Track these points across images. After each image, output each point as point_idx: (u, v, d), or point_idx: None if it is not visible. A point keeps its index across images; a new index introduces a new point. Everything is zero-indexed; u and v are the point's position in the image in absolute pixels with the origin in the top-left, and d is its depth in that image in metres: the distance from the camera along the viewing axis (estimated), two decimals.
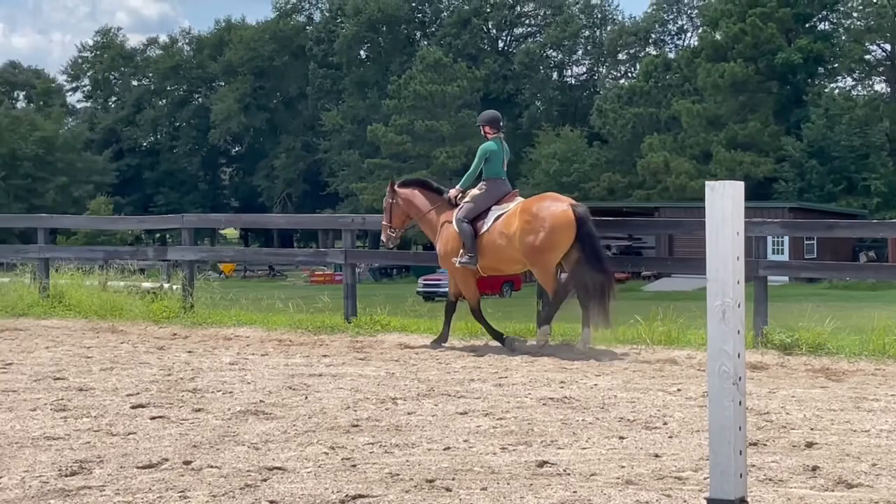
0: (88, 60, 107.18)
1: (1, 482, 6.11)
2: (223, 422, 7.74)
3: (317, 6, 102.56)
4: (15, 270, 18.25)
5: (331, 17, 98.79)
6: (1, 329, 14.15)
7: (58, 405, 8.45)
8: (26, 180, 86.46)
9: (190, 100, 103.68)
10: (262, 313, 15.39)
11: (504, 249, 12.26)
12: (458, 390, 9.11)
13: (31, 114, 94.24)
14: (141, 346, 12.34)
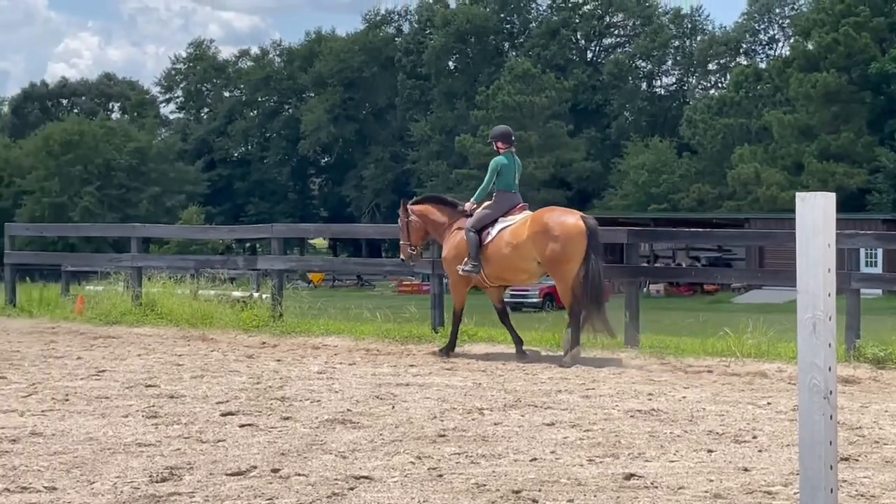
0: (181, 72, 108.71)
1: (94, 487, 6.21)
2: (311, 430, 7.79)
3: (406, 18, 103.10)
4: (109, 279, 18.55)
5: (420, 29, 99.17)
6: (95, 336, 14.40)
7: (149, 412, 8.58)
8: (120, 190, 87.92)
9: (280, 111, 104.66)
10: (350, 323, 15.46)
11: (509, 259, 12.59)
12: (545, 401, 9.08)
13: (126, 125, 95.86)
14: (231, 355, 12.47)
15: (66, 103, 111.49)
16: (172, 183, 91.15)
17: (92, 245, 64.73)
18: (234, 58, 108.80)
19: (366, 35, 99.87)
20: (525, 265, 12.63)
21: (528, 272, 12.89)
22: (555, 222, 12.32)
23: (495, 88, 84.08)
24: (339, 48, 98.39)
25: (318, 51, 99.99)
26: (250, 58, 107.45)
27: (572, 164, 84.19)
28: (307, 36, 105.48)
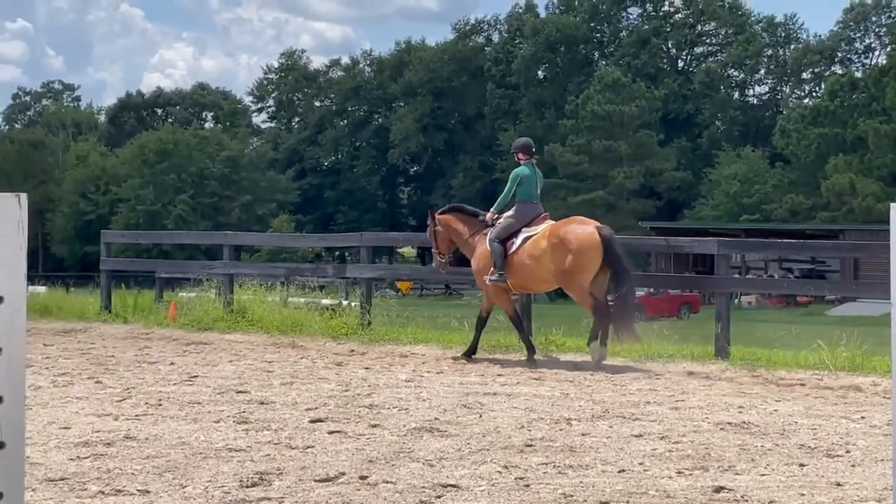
0: (273, 82, 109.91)
1: (185, 491, 6.29)
2: (399, 438, 7.82)
3: (496, 27, 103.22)
4: (201, 286, 18.81)
5: (509, 38, 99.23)
6: (187, 342, 14.61)
7: (240, 418, 8.67)
8: (213, 199, 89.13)
9: (370, 120, 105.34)
10: (438, 331, 15.50)
11: (531, 269, 12.94)
12: (634, 412, 9.02)
13: (219, 134, 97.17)
14: (320, 362, 12.57)
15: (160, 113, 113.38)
16: (263, 191, 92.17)
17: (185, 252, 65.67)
18: (324, 68, 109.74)
19: (455, 45, 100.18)
20: (545, 275, 12.97)
21: (549, 282, 13.28)
22: (571, 234, 12.69)
23: (585, 98, 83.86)
24: (429, 58, 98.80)
25: (408, 60, 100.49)
26: (341, 67, 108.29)
27: (662, 174, 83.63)
28: (397, 46, 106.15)
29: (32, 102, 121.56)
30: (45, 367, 11.78)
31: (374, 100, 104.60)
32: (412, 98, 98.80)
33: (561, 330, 14.52)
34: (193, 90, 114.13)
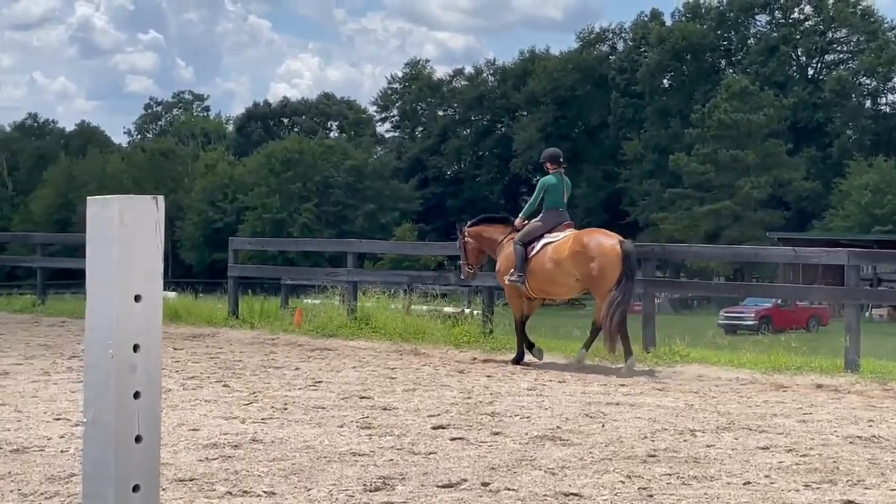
0: (397, 92, 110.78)
1: (310, 494, 6.38)
2: (521, 446, 7.83)
3: (620, 36, 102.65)
4: (326, 293, 19.04)
5: (634, 47, 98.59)
6: (312, 348, 14.80)
7: (363, 423, 8.76)
8: (337, 207, 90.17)
9: (493, 129, 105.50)
10: (560, 340, 15.45)
11: (551, 273, 13.39)
12: (760, 424, 8.89)
13: (343, 143, 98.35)
14: (442, 369, 12.63)
15: (287, 122, 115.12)
16: (387, 200, 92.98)
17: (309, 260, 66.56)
18: (448, 77, 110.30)
19: (579, 54, 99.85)
20: (564, 280, 13.42)
21: (568, 286, 13.65)
22: (594, 244, 13.11)
23: (711, 106, 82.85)
24: (553, 67, 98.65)
25: (532, 69, 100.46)
26: (464, 77, 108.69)
27: (791, 184, 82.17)
28: (521, 55, 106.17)
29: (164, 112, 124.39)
30: (174, 371, 12.03)
31: (497, 109, 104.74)
32: (535, 107, 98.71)
33: (685, 340, 14.36)
34: (319, 100, 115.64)
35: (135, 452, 2.02)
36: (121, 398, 2.01)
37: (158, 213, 2.07)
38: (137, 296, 2.03)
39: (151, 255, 2.04)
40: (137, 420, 2.03)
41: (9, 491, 6.40)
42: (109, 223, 2.00)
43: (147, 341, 2.04)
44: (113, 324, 2.01)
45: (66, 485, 6.56)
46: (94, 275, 2.04)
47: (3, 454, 7.43)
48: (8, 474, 6.83)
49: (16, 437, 8.05)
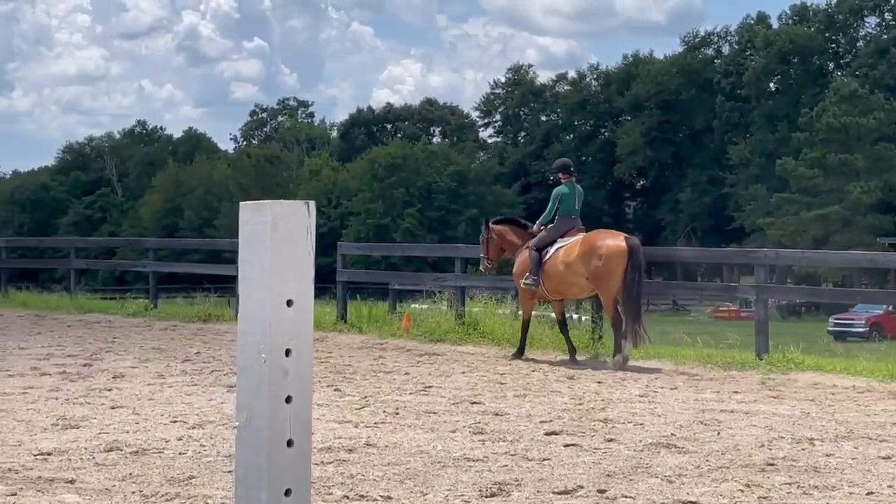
0: (500, 97, 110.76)
1: (426, 499, 6.39)
2: (635, 453, 7.76)
3: (726, 39, 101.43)
4: (433, 298, 19.08)
5: (740, 50, 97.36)
6: (420, 353, 14.84)
7: (475, 428, 8.76)
8: (440, 212, 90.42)
9: (596, 134, 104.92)
10: (669, 347, 15.30)
11: (563, 275, 14.26)
12: (880, 433, 8.70)
13: (446, 149, 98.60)
14: (552, 375, 12.58)
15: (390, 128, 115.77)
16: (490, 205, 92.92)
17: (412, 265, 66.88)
18: (551, 82, 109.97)
19: (684, 57, 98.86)
20: (575, 280, 14.22)
21: (579, 286, 14.40)
22: (600, 243, 14.05)
23: (819, 110, 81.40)
24: (657, 70, 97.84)
25: (636, 73, 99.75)
26: (567, 82, 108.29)
27: None
28: (624, 59, 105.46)
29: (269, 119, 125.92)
30: None
31: (600, 114, 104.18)
32: (639, 112, 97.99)
33: (799, 347, 14.13)
34: (422, 106, 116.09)
35: (286, 457, 2.03)
36: (273, 402, 2.02)
37: (310, 217, 2.08)
38: (289, 300, 2.04)
39: (303, 260, 2.05)
40: (289, 424, 2.04)
41: (130, 492, 6.52)
42: (262, 228, 2.02)
43: (299, 346, 2.05)
44: (266, 328, 2.02)
45: (185, 487, 6.66)
46: (246, 279, 2.06)
47: (123, 456, 7.57)
48: (129, 475, 6.95)
49: (135, 439, 8.20)
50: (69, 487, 6.62)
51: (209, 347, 15.13)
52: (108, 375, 11.93)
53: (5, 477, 6.87)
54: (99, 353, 14.31)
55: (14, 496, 6.37)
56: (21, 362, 13.05)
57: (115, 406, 9.78)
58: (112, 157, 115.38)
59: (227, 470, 7.13)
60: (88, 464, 7.29)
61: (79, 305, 21.97)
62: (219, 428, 8.69)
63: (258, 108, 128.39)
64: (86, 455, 7.57)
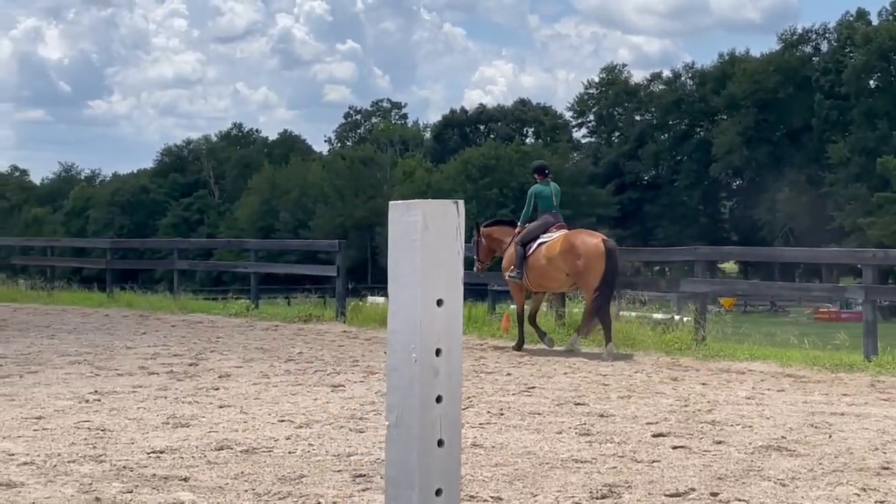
0: (594, 97, 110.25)
1: (536, 500, 6.38)
2: (746, 456, 7.66)
3: (824, 36, 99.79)
4: None
5: (838, 48, 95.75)
6: (521, 354, 14.81)
7: (581, 429, 8.72)
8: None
9: (692, 133, 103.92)
10: (775, 348, 15.07)
11: (545, 269, 15.21)
12: None
13: (539, 149, 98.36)
14: (655, 376, 12.47)
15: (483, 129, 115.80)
16: (584, 206, 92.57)
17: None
18: (645, 81, 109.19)
19: (781, 55, 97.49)
20: (556, 275, 15.18)
21: (559, 281, 15.34)
22: (580, 243, 14.95)
23: None
24: (753, 69, 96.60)
25: (731, 72, 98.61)
26: (662, 81, 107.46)
27: None
28: (720, 58, 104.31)
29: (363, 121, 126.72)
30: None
31: (695, 113, 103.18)
32: (735, 110, 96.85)
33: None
34: (515, 106, 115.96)
35: (437, 456, 2.03)
36: (424, 402, 2.02)
37: (459, 217, 2.07)
38: (439, 300, 2.04)
39: (452, 260, 2.04)
40: (439, 424, 2.04)
41: (243, 490, 6.59)
42: (413, 228, 2.01)
43: (449, 345, 2.05)
44: (416, 328, 2.02)
45: (297, 485, 6.71)
46: (396, 279, 2.05)
47: (234, 454, 7.65)
48: (241, 474, 7.03)
49: (244, 437, 8.29)
50: (183, 485, 6.72)
51: (311, 348, 15.24)
52: (214, 375, 12.09)
53: (121, 474, 6.99)
54: (204, 352, 14.50)
55: (130, 493, 6.47)
56: (129, 361, 13.29)
57: (223, 405, 9.90)
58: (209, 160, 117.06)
59: (337, 469, 7.19)
60: (201, 462, 7.39)
61: (181, 306, 22.29)
62: (325, 427, 8.76)
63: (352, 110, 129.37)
64: (197, 453, 7.67)
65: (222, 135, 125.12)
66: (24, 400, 10.08)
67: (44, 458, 7.47)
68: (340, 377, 12.01)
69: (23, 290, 26.79)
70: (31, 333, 17.00)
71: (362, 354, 14.37)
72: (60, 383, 11.27)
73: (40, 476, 6.93)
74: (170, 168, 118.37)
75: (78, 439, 8.15)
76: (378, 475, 7.00)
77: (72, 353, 14.22)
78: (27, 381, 11.37)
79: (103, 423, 8.88)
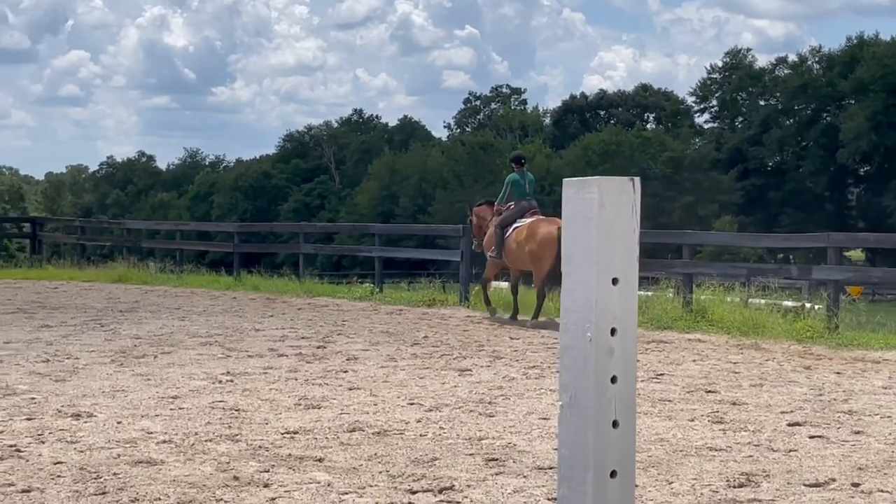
0: (717, 81, 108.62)
1: (672, 487, 6.31)
2: (887, 446, 7.50)
3: None
4: (657, 285, 18.81)
5: None
6: (647, 341, 14.64)
7: (714, 417, 8.60)
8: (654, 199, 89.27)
9: (818, 119, 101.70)
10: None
11: (515, 252, 16.96)
12: None
13: (661, 135, 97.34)
14: (786, 365, 12.23)
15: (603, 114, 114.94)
16: (705, 192, 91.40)
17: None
18: (770, 66, 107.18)
19: None
20: (523, 257, 16.82)
21: (524, 262, 16.92)
22: (538, 230, 16.57)
23: None
24: (883, 52, 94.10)
25: (860, 56, 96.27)
26: (787, 65, 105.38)
27: None
28: (848, 41, 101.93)
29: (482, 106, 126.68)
30: (514, 360, 12.20)
31: (822, 98, 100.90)
32: (864, 95, 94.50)
33: None
34: (635, 91, 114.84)
35: (612, 438, 1.99)
36: (598, 382, 1.98)
37: (635, 194, 2.03)
38: (615, 279, 2.00)
39: (629, 238, 2.00)
40: (614, 405, 2.00)
41: (377, 472, 6.63)
42: (588, 205, 1.98)
43: (624, 325, 2.01)
44: (591, 307, 1.98)
45: (430, 468, 6.73)
46: (571, 257, 2.02)
47: (366, 436, 7.71)
48: (374, 455, 7.08)
49: (375, 420, 8.35)
50: (318, 465, 6.79)
51: (436, 332, 15.29)
52: (341, 357, 12.20)
53: (257, 454, 7.09)
54: (330, 335, 14.64)
55: (267, 473, 6.56)
56: (258, 343, 13.48)
57: (352, 388, 9.99)
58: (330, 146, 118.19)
59: (469, 453, 7.19)
60: (334, 443, 7.46)
61: (307, 289, 22.52)
62: (455, 411, 8.78)
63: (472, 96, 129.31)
64: (330, 434, 7.74)
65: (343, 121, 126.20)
66: (159, 380, 10.29)
67: (181, 436, 7.61)
68: (467, 361, 12.03)
69: (152, 272, 27.34)
70: (162, 315, 17.34)
71: (487, 339, 14.38)
72: (193, 364, 11.48)
73: (179, 454, 7.06)
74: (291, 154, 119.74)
75: (213, 419, 8.29)
76: (510, 459, 6.99)
77: (202, 334, 14.48)
78: (161, 362, 11.60)
79: (237, 403, 9.02)
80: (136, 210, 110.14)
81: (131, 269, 26.95)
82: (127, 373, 10.75)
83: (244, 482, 6.33)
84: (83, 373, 10.75)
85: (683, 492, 6.23)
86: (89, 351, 12.50)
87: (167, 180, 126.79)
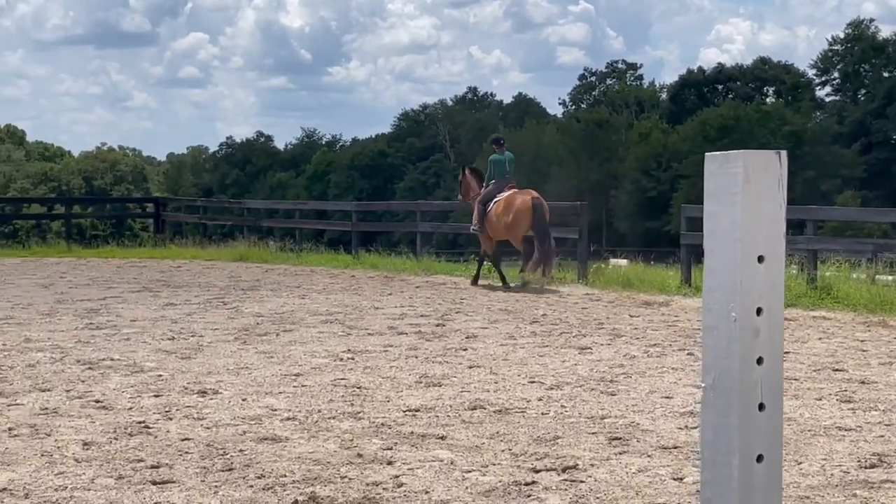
0: (838, 53, 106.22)
1: (801, 468, 6.18)
2: None
3: None
4: None
5: None
6: None
7: (842, 396, 8.43)
8: None
9: None
10: None
11: (494, 224, 18.67)
12: None
13: (781, 108, 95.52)
14: None
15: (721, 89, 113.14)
16: (827, 167, 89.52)
17: None
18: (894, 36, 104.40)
19: None
20: (501, 227, 18.49)
21: (502, 233, 18.62)
22: (513, 200, 18.37)
23: None
24: None
25: None
26: None
27: None
28: None
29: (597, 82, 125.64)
30: (634, 338, 12.08)
31: None
32: None
33: None
34: (754, 65, 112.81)
35: (758, 421, 1.93)
36: (743, 364, 1.92)
37: (782, 168, 1.96)
38: (761, 256, 1.94)
39: (775, 214, 1.93)
40: (760, 387, 1.94)
41: (500, 450, 6.61)
42: (733, 180, 1.91)
43: (770, 305, 1.95)
44: (736, 286, 1.92)
45: (552, 447, 6.70)
46: (713, 233, 1.96)
47: (487, 414, 7.70)
48: (497, 434, 7.06)
49: (496, 398, 8.33)
50: (441, 443, 6.79)
51: (554, 310, 15.21)
52: (461, 335, 12.21)
53: (379, 431, 7.13)
54: (449, 313, 14.66)
55: (390, 450, 6.59)
56: (378, 321, 13.56)
57: (473, 366, 9.99)
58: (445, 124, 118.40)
59: (592, 431, 7.14)
60: (455, 421, 7.46)
61: (425, 267, 22.57)
62: (576, 389, 8.73)
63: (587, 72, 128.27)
64: (452, 412, 7.75)
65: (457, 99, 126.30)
66: (281, 357, 10.41)
67: (305, 413, 7.69)
68: (587, 339, 11.95)
69: (272, 251, 27.70)
70: (283, 293, 17.55)
71: (607, 317, 14.26)
72: (315, 342, 11.59)
73: (303, 431, 7.13)
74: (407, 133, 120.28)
75: (336, 396, 8.36)
76: (634, 438, 6.92)
77: (323, 312, 14.61)
78: (283, 340, 11.74)
79: (359, 381, 9.09)
80: (254, 190, 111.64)
81: (252, 248, 27.35)
82: (250, 350, 10.91)
83: (368, 459, 6.36)
84: (208, 350, 10.93)
85: (813, 472, 6.10)
86: (213, 329, 12.70)
87: (285, 160, 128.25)
